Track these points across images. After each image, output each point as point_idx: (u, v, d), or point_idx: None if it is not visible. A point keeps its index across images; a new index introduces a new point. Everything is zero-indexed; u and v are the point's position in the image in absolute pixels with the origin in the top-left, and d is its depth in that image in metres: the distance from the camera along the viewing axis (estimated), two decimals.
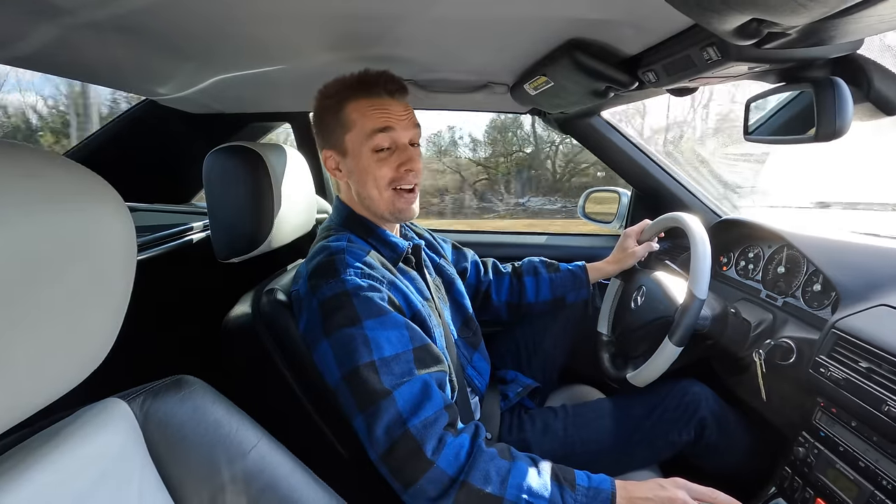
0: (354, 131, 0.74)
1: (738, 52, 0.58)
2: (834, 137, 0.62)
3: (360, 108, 0.73)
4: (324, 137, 0.78)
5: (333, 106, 0.75)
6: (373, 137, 0.73)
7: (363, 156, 0.74)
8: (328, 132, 0.77)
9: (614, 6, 0.60)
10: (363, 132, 0.73)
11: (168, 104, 1.20)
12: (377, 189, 0.75)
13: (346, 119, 0.74)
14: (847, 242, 0.89)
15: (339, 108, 0.74)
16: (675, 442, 0.88)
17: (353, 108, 0.74)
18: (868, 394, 0.64)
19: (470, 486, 0.57)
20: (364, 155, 0.74)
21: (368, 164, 0.74)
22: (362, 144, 0.74)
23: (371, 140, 0.73)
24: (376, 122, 0.73)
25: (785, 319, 0.88)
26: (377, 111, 0.73)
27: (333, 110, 0.75)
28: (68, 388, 0.32)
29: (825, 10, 0.38)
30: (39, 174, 0.29)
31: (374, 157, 0.74)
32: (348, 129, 0.74)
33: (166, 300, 0.98)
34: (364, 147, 0.74)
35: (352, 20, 0.67)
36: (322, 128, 0.78)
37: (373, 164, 0.74)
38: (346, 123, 0.74)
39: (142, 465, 0.40)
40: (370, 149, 0.73)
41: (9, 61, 0.78)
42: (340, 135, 0.75)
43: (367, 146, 0.73)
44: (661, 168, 1.33)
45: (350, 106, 0.74)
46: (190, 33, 0.71)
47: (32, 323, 0.28)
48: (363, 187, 0.76)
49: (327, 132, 0.77)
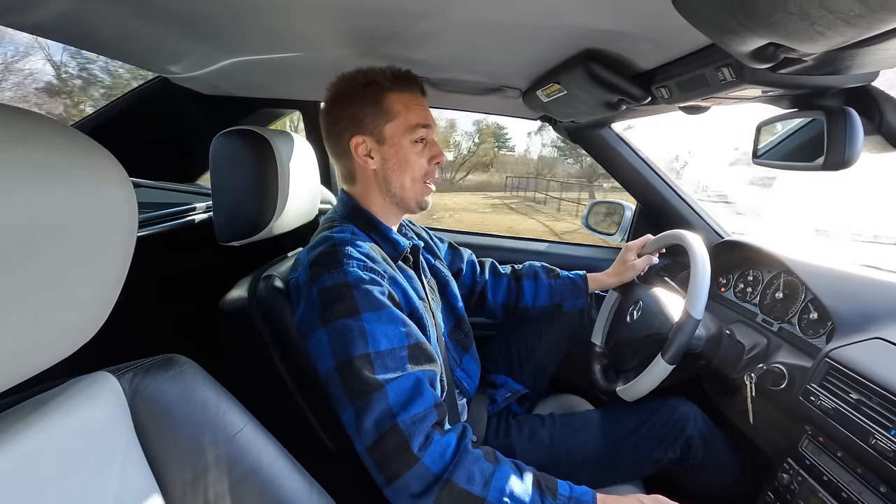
0: (397, 121, 0.77)
1: (753, 74, 0.58)
2: (842, 167, 0.62)
3: (403, 101, 0.77)
4: (355, 124, 0.77)
5: (372, 94, 0.76)
6: (416, 130, 0.77)
7: (404, 146, 0.77)
8: (361, 119, 0.77)
9: (634, 20, 0.60)
10: (407, 124, 0.77)
11: (180, 83, 1.20)
12: (412, 179, 0.79)
13: (388, 108, 0.76)
14: (847, 273, 0.89)
15: (380, 97, 0.76)
16: (659, 459, 0.88)
17: (396, 99, 0.77)
18: (856, 425, 0.64)
19: (453, 484, 0.57)
20: (405, 145, 0.77)
21: (409, 154, 0.78)
22: (403, 135, 0.77)
23: (413, 132, 0.77)
24: (419, 116, 0.78)
25: (779, 345, 0.88)
26: (419, 106, 0.78)
27: (372, 98, 0.76)
28: (58, 359, 0.32)
29: (842, 40, 0.38)
30: (45, 143, 0.29)
31: (414, 148, 0.78)
32: (391, 118, 0.76)
33: (164, 278, 0.97)
34: (405, 138, 0.77)
35: (370, 15, 0.67)
36: (353, 114, 0.77)
37: (413, 155, 0.78)
38: (389, 113, 0.76)
39: (126, 440, 0.40)
40: (410, 140, 0.77)
41: (23, 28, 0.78)
42: (381, 123, 0.77)
43: (408, 137, 0.77)
44: (666, 184, 1.33)
45: (392, 97, 0.76)
46: (205, 13, 0.71)
47: (27, 291, 0.28)
48: (399, 175, 0.79)
49: (360, 119, 0.77)
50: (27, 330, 0.29)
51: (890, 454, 0.59)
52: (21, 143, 0.27)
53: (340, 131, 0.78)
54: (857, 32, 0.36)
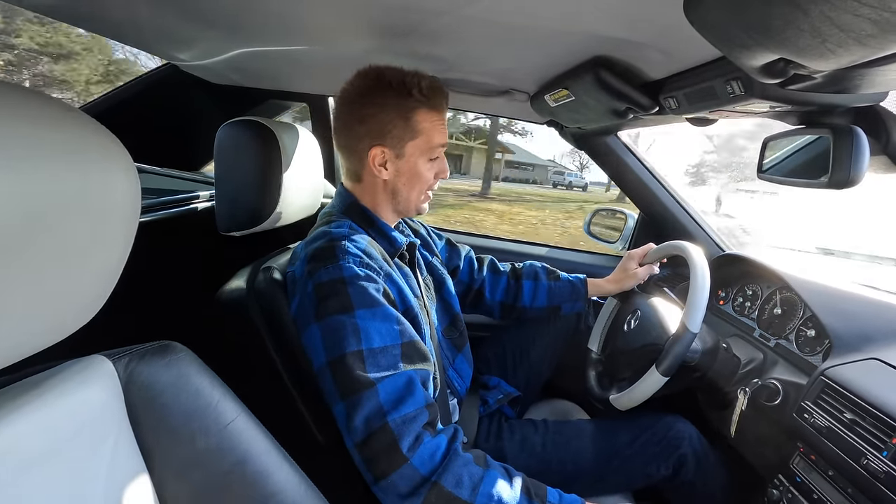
0: (420, 140, 0.75)
1: (762, 89, 0.58)
2: (846, 186, 0.62)
3: (430, 120, 0.75)
4: (379, 133, 0.74)
5: (401, 106, 0.73)
6: (434, 151, 0.78)
7: (420, 164, 0.77)
8: (388, 131, 0.74)
9: (646, 29, 0.60)
10: (429, 144, 0.76)
11: (189, 70, 1.20)
12: (418, 192, 0.80)
13: (415, 126, 0.74)
14: (846, 292, 0.89)
15: (410, 113, 0.73)
16: (651, 475, 0.88)
17: (424, 117, 0.75)
18: (849, 445, 0.64)
19: (441, 487, 0.57)
20: (421, 163, 0.77)
21: (422, 172, 0.78)
22: (422, 154, 0.77)
23: (432, 153, 0.78)
24: (441, 138, 0.78)
25: (775, 361, 0.88)
26: (442, 125, 0.78)
27: (401, 112, 0.73)
28: (55, 341, 0.32)
29: (853, 58, 0.38)
30: (51, 125, 0.29)
31: (427, 166, 0.78)
32: (415, 136, 0.75)
33: (164, 265, 0.98)
34: (423, 157, 0.77)
35: (384, 9, 0.66)
36: (380, 122, 0.73)
37: (424, 171, 0.78)
38: (415, 131, 0.75)
39: (119, 425, 0.40)
40: (427, 158, 0.78)
41: (36, 8, 0.78)
42: (405, 138, 0.75)
43: (426, 156, 0.77)
44: (670, 195, 1.33)
45: (420, 114, 0.74)
46: (217, 2, 0.71)
47: (26, 272, 0.28)
48: (409, 189, 0.79)
49: (386, 131, 0.74)
50: (24, 310, 0.29)
51: (881, 475, 0.58)
52: (28, 123, 0.27)
53: (361, 135, 0.75)
54: (869, 52, 0.36)
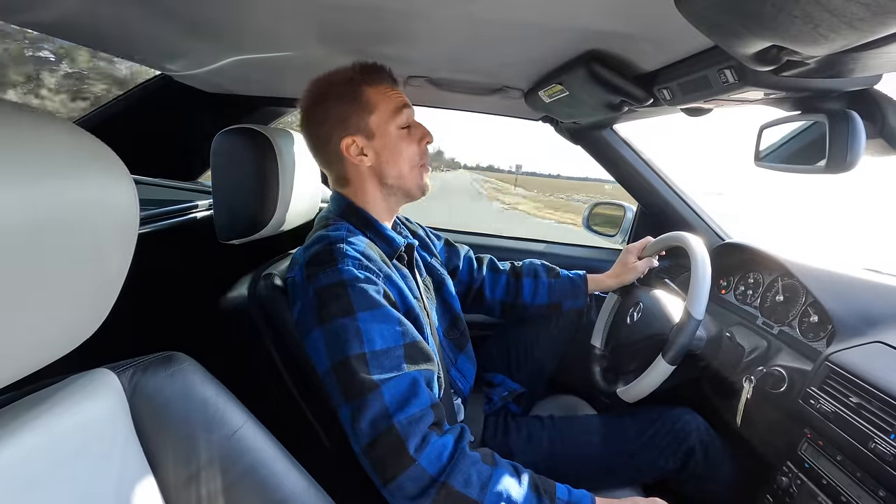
0: (379, 112, 0.76)
1: (755, 77, 0.58)
2: (844, 170, 0.62)
3: (380, 91, 0.77)
4: (342, 125, 0.76)
5: (348, 92, 0.76)
6: (398, 115, 0.77)
7: (391, 134, 0.77)
8: (345, 119, 0.76)
9: (637, 21, 0.59)
10: (388, 111, 0.77)
11: (182, 80, 1.20)
12: (408, 165, 0.79)
13: (367, 102, 0.76)
14: (848, 276, 0.89)
15: (357, 93, 0.76)
16: (660, 468, 0.88)
17: (373, 91, 0.76)
18: (856, 429, 0.64)
19: (450, 487, 0.57)
20: (392, 133, 0.77)
21: (398, 142, 0.78)
22: (388, 123, 0.77)
23: (397, 117, 0.77)
24: (397, 101, 0.78)
25: (779, 348, 0.88)
26: (394, 93, 0.78)
27: (349, 96, 0.76)
28: (58, 356, 0.32)
29: (845, 43, 0.38)
30: (46, 140, 0.29)
31: (402, 134, 0.78)
32: (371, 110, 0.76)
33: (165, 276, 0.98)
34: (390, 125, 0.77)
35: (354, 12, 0.66)
36: (337, 115, 0.76)
37: (402, 142, 0.78)
38: (369, 106, 0.76)
39: (125, 438, 0.40)
40: (397, 126, 0.77)
41: (26, 25, 0.78)
42: (364, 117, 0.76)
43: (393, 124, 0.77)
44: (668, 186, 1.33)
45: (369, 90, 0.76)
46: (202, 12, 0.71)
47: (26, 288, 0.27)
48: (394, 165, 0.78)
49: (344, 119, 0.76)
50: (27, 326, 0.29)
51: (889, 458, 0.58)
52: (23, 139, 0.27)
53: (328, 134, 0.77)
54: (860, 36, 0.36)
